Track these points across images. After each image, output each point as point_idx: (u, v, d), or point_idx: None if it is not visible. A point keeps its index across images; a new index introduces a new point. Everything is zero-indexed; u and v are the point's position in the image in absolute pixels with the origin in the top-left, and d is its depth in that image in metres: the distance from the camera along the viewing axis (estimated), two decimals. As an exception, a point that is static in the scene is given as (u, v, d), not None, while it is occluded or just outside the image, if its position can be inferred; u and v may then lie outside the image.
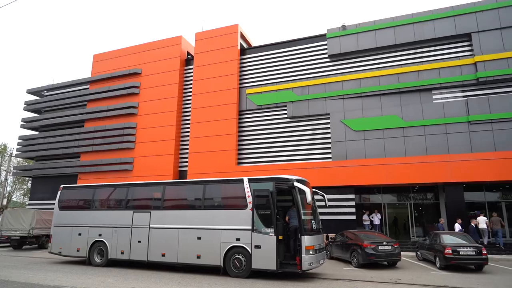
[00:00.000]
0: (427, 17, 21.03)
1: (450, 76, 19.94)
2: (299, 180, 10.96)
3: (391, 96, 21.05)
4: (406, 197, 21.59)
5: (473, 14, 20.21)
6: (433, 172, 18.88)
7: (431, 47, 21.08)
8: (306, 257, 10.04)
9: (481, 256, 12.09)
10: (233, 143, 23.57)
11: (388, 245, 12.93)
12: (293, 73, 23.71)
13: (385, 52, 21.90)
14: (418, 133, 19.96)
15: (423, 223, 21.24)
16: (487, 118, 18.87)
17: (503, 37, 19.56)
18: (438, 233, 13.92)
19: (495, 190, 20.13)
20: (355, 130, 21.14)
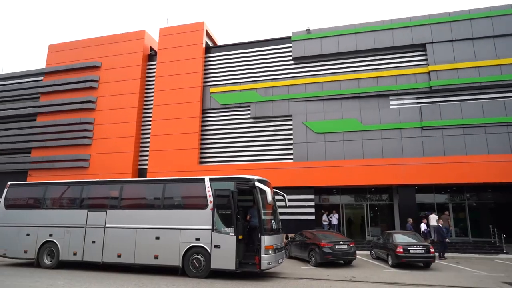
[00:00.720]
0: (386, 26, 21.97)
1: (406, 84, 20.97)
2: (260, 180, 11.04)
3: (351, 100, 21.78)
4: (363, 198, 22.41)
5: (428, 26, 21.39)
6: (388, 174, 19.76)
7: (389, 55, 22.05)
8: (265, 257, 10.13)
9: (429, 254, 12.83)
10: (195, 142, 23.29)
11: (344, 244, 13.36)
12: (257, 74, 23.85)
13: (347, 58, 22.62)
14: (375, 136, 20.81)
15: (378, 223, 22.16)
16: (438, 124, 20.04)
17: (454, 49, 20.87)
18: (391, 232, 14.59)
19: (444, 192, 21.44)
20: (316, 132, 21.65)
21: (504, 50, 20.11)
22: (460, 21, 20.96)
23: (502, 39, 20.32)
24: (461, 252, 18.12)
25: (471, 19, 20.77)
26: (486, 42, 20.52)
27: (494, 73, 19.75)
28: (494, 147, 19.12)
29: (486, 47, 20.45)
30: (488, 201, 20.95)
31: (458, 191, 21.16)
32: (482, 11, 20.77)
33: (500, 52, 20.14)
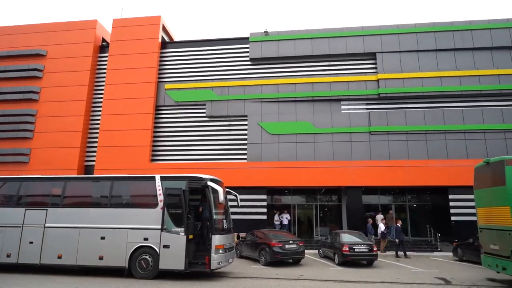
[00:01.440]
0: (340, 34, 22.83)
1: (357, 90, 21.95)
2: (213, 179, 10.98)
3: (305, 103, 22.35)
4: (313, 199, 23.09)
5: (378, 36, 22.55)
6: (338, 176, 20.54)
7: (342, 61, 22.94)
8: (215, 256, 10.09)
9: (372, 253, 13.53)
10: (147, 139, 22.59)
11: (294, 243, 13.67)
12: (214, 72, 23.68)
13: (302, 62, 23.18)
14: (327, 139, 21.53)
15: (327, 223, 22.95)
16: (384, 130, 21.19)
17: (401, 59, 22.18)
18: (338, 232, 15.18)
19: (387, 194, 22.71)
20: (271, 133, 21.95)
21: (445, 63, 21.71)
22: (407, 34, 22.33)
23: (443, 53, 21.91)
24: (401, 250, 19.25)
25: (417, 33, 22.21)
26: (430, 55, 22.03)
27: (436, 84, 21.26)
28: (433, 152, 20.59)
29: (429, 60, 21.95)
30: (426, 202, 22.52)
31: (400, 193, 22.52)
32: (426, 26, 22.28)
33: (441, 64, 21.71)
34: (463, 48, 21.71)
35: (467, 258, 15.38)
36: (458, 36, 21.84)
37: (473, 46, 21.62)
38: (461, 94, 21.08)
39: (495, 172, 10.45)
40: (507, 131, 20.34)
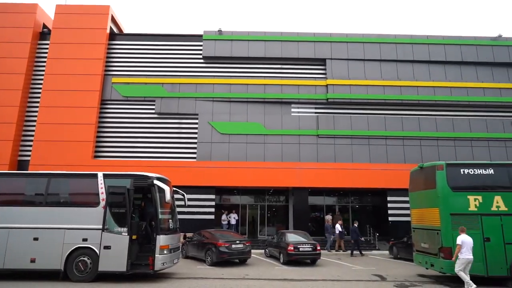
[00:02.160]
0: (293, 38, 23.38)
1: (307, 94, 22.60)
2: (159, 178, 10.69)
3: (256, 104, 22.57)
4: (261, 199, 23.38)
5: (329, 43, 23.42)
6: (286, 177, 21.00)
7: (294, 65, 23.49)
8: (160, 257, 9.84)
9: (316, 252, 14.00)
10: (90, 134, 21.41)
11: (240, 243, 13.74)
12: (165, 68, 23.07)
13: (255, 63, 23.39)
14: (277, 141, 21.93)
15: (275, 223, 23.37)
16: (331, 133, 22.05)
17: (349, 67, 23.22)
18: (284, 232, 15.52)
19: (332, 195, 23.66)
20: (221, 133, 21.88)
21: (388, 73, 23.09)
22: (355, 43, 23.44)
23: (387, 63, 23.29)
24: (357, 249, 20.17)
25: (364, 43, 23.40)
26: (375, 65, 23.30)
27: (379, 92, 22.54)
28: (375, 157, 21.82)
29: (374, 69, 23.22)
30: (367, 204, 23.80)
31: (344, 194, 23.57)
32: (372, 37, 23.55)
33: (384, 74, 23.06)
34: (404, 60, 23.25)
35: (401, 256, 16.47)
36: (400, 48, 23.36)
37: (413, 59, 23.23)
38: (401, 103, 22.56)
39: (428, 176, 11.33)
40: (440, 139, 22.11)
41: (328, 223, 20.04)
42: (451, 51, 23.29)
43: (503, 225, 10.28)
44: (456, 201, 10.47)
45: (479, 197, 10.51)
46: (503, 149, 22.01)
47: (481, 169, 10.91)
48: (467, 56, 23.23)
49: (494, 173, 10.84)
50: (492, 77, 23.14)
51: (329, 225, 19.88)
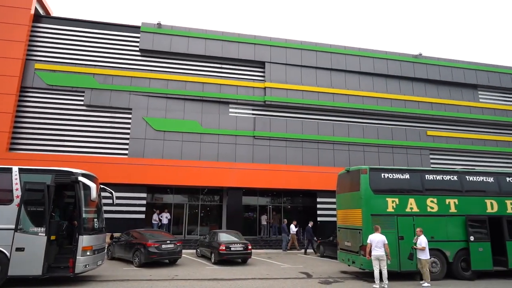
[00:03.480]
0: (234, 39, 23.47)
1: (245, 95, 22.82)
2: (85, 174, 10.01)
3: (194, 102, 22.23)
4: (196, 198, 23.07)
5: (268, 46, 23.92)
6: (221, 177, 20.97)
7: (234, 65, 23.59)
8: (82, 259, 9.22)
9: (247, 251, 14.20)
10: (6, 124, 19.30)
11: (171, 243, 13.42)
12: (97, 58, 21.67)
13: (195, 60, 23.03)
14: (213, 140, 21.82)
15: (208, 223, 23.21)
16: (267, 135, 22.54)
17: (287, 72, 23.95)
18: (216, 231, 15.49)
19: (266, 196, 24.18)
20: (156, 130, 21.16)
21: (323, 80, 24.25)
22: (293, 49, 24.24)
23: (322, 71, 24.45)
24: (274, 248, 20.77)
25: (301, 49, 24.31)
26: (311, 71, 24.32)
27: (314, 98, 23.58)
28: (307, 159, 22.76)
29: (311, 75, 24.25)
30: (298, 204, 24.72)
31: (277, 195, 24.23)
32: (309, 45, 24.56)
33: (319, 81, 24.18)
34: (337, 69, 24.62)
35: (327, 254, 17.39)
36: (335, 58, 24.70)
37: (345, 68, 24.71)
38: (333, 109, 23.85)
39: (353, 179, 12.13)
40: (366, 145, 23.80)
41: (285, 223, 20.61)
42: (379, 65, 25.22)
43: (414, 224, 11.38)
44: (376, 203, 11.36)
45: (396, 199, 11.52)
46: (418, 157, 24.38)
47: (399, 174, 11.97)
48: (392, 70, 25.33)
49: (409, 178, 11.97)
50: (412, 91, 25.51)
51: (285, 225, 20.42)
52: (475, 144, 25.47)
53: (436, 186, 12.04)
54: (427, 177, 12.11)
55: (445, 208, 11.79)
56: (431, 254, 11.15)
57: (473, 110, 25.93)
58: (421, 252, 10.28)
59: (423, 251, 10.27)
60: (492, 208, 12.14)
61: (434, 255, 11.25)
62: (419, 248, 10.30)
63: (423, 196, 11.74)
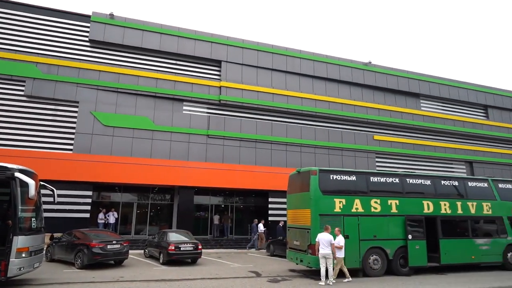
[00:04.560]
0: (190, 35, 23.08)
1: (200, 93, 22.54)
2: (23, 170, 9.31)
3: (146, 98, 21.54)
4: (146, 197, 22.39)
5: (225, 45, 23.82)
6: (173, 175, 20.54)
7: (189, 63, 23.22)
8: (16, 261, 8.57)
9: (197, 251, 14.06)
10: None
11: (117, 244, 12.91)
12: (41, 46, 20.23)
13: (149, 55, 22.34)
14: (166, 138, 21.29)
15: (158, 222, 22.63)
16: (221, 134, 22.44)
17: (243, 72, 24.00)
18: (166, 231, 15.16)
19: (218, 195, 24.09)
20: (105, 125, 20.21)
21: (278, 82, 24.62)
22: (250, 49, 24.36)
23: (277, 73, 24.84)
24: (224, 247, 20.75)
25: (258, 51, 24.50)
26: (267, 73, 24.60)
27: (269, 99, 23.87)
28: (261, 159, 22.99)
29: (266, 77, 24.51)
30: (250, 204, 24.91)
31: (229, 194, 24.23)
32: (265, 47, 24.82)
33: (275, 83, 24.53)
34: (292, 72, 25.15)
35: (277, 253, 17.69)
36: (290, 61, 25.20)
37: (300, 72, 25.31)
38: (287, 111, 24.32)
39: (303, 180, 12.46)
40: (317, 147, 24.54)
41: (255, 223, 20.56)
42: (332, 70, 26.14)
43: (359, 224, 11.95)
44: (324, 203, 11.76)
45: (343, 200, 12.02)
46: (365, 159, 25.62)
47: (346, 175, 12.50)
48: (344, 76, 26.38)
49: (356, 180, 12.54)
50: (362, 97, 26.76)
51: (256, 225, 20.33)
52: (416, 149, 27.30)
53: (380, 188, 12.72)
54: (372, 179, 12.77)
55: (387, 208, 12.50)
56: (374, 252, 11.83)
57: (415, 117, 27.76)
58: (339, 250, 10.66)
59: (340, 250, 10.66)
60: (428, 209, 13.08)
61: (375, 253, 11.92)
62: (338, 246, 10.64)
63: (367, 197, 12.35)
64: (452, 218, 13.40)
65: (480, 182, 14.58)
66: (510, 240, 13.58)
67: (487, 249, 13.60)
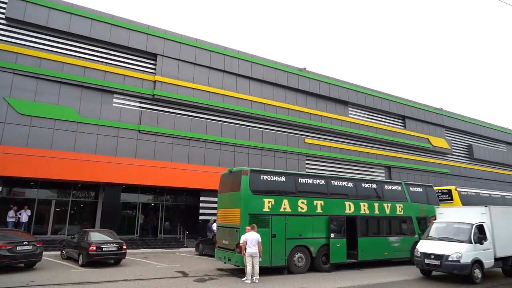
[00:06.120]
0: (125, 25, 21.91)
1: (133, 86, 21.50)
2: None
3: (72, 87, 19.95)
4: (67, 194, 20.77)
5: (162, 39, 23.03)
6: (99, 171, 19.30)
7: (123, 53, 22.04)
8: None
9: (121, 251, 13.39)
10: None
11: (29, 245, 11.77)
12: None
13: (77, 41, 20.75)
14: (92, 131, 19.94)
15: (80, 221, 21.13)
16: (154, 130, 21.66)
17: (180, 68, 23.42)
18: (87, 231, 14.20)
19: (148, 193, 23.22)
20: (21, 113, 18.28)
21: (215, 81, 24.45)
22: (188, 45, 23.87)
23: (215, 71, 24.66)
24: (152, 247, 20.07)
25: (196, 47, 24.11)
26: (204, 71, 24.29)
27: (205, 97, 23.60)
28: (194, 158, 22.63)
29: (203, 75, 24.21)
30: (181, 203, 24.43)
31: (160, 192, 23.49)
32: (204, 44, 24.49)
33: (212, 81, 24.32)
34: (230, 72, 25.18)
35: (206, 252, 17.57)
36: (228, 61, 25.19)
37: (238, 72, 25.44)
38: (223, 110, 24.28)
39: (235, 180, 12.54)
40: (250, 147, 24.88)
41: (211, 222, 19.82)
42: (269, 73, 26.70)
43: (286, 223, 12.37)
44: (254, 203, 11.97)
45: (272, 200, 12.33)
46: (296, 161, 26.61)
47: (276, 176, 12.85)
48: (280, 80, 27.10)
49: (285, 180, 12.95)
50: (295, 101, 27.73)
51: (210, 224, 19.59)
52: (342, 153, 29.07)
53: (307, 189, 13.30)
54: (300, 180, 13.31)
55: (313, 208, 13.12)
56: (299, 250, 12.35)
57: (343, 124, 29.56)
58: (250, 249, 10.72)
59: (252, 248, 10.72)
60: (349, 209, 14.00)
61: (300, 251, 12.45)
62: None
63: (295, 198, 12.84)
64: (370, 218, 14.50)
65: (395, 185, 16.01)
66: (417, 238, 15.08)
67: (398, 246, 14.99)
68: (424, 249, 11.53)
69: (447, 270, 10.92)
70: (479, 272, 10.94)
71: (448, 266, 10.76)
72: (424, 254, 11.44)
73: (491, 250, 11.56)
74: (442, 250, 11.03)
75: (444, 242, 11.38)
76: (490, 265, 11.49)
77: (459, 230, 11.59)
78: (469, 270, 10.63)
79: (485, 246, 11.23)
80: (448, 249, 10.96)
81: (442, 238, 11.62)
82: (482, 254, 11.09)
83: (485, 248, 11.27)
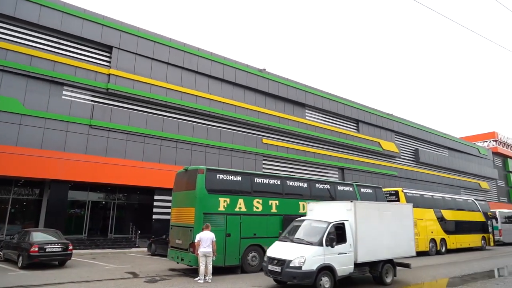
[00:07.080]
0: (78, 13, 20.79)
1: (85, 78, 20.45)
2: None
3: (16, 76, 18.58)
4: (7, 191, 19.32)
5: (118, 31, 22.12)
6: (44, 167, 18.15)
7: (75, 43, 20.92)
8: None
9: (66, 252, 12.70)
10: None
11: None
12: None
13: (23, 27, 19.38)
14: (38, 124, 18.71)
15: (22, 220, 19.74)
16: (106, 125, 20.75)
17: (136, 62, 22.63)
18: (29, 230, 13.35)
19: (98, 191, 22.21)
20: (-44, 103, 16.79)
21: (173, 77, 23.90)
22: (146, 39, 23.13)
23: (173, 68, 24.11)
24: (101, 248, 19.24)
25: (154, 42, 23.43)
26: (162, 66, 23.66)
27: (162, 93, 23.00)
28: (149, 155, 21.97)
29: (161, 70, 23.56)
30: (134, 201, 23.65)
31: (111, 190, 22.57)
32: (162, 39, 23.90)
33: (170, 78, 23.74)
34: (189, 69, 24.75)
35: (158, 252, 17.17)
36: (187, 58, 24.74)
37: (197, 70, 25.07)
38: (180, 108, 23.81)
39: (190, 179, 12.37)
40: (208, 146, 24.63)
41: None
42: (228, 72, 26.58)
43: (241, 223, 12.40)
44: (209, 202, 11.88)
45: (228, 199, 12.31)
46: (253, 161, 26.76)
47: (232, 175, 12.84)
48: (239, 79, 27.10)
49: (241, 180, 12.98)
50: (254, 101, 27.87)
51: None
52: (298, 154, 29.68)
53: (263, 189, 13.43)
54: (256, 180, 13.40)
55: (268, 208, 13.27)
56: (253, 250, 12.42)
57: (300, 125, 30.18)
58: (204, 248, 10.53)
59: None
60: (303, 209, 14.30)
61: (254, 250, 12.53)
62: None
63: (251, 197, 12.91)
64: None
65: (347, 186, 16.62)
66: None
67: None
68: (271, 253, 9.58)
69: (287, 279, 8.89)
70: (328, 282, 8.93)
71: (288, 274, 8.74)
72: (269, 258, 9.44)
73: (350, 254, 9.59)
74: (285, 255, 9.06)
75: (293, 245, 9.46)
76: (347, 271, 9.52)
77: (315, 229, 9.64)
78: (313, 279, 8.66)
79: (339, 249, 9.32)
80: (292, 253, 8.99)
81: (294, 240, 9.69)
82: (335, 259, 9.16)
83: (341, 251, 9.37)
